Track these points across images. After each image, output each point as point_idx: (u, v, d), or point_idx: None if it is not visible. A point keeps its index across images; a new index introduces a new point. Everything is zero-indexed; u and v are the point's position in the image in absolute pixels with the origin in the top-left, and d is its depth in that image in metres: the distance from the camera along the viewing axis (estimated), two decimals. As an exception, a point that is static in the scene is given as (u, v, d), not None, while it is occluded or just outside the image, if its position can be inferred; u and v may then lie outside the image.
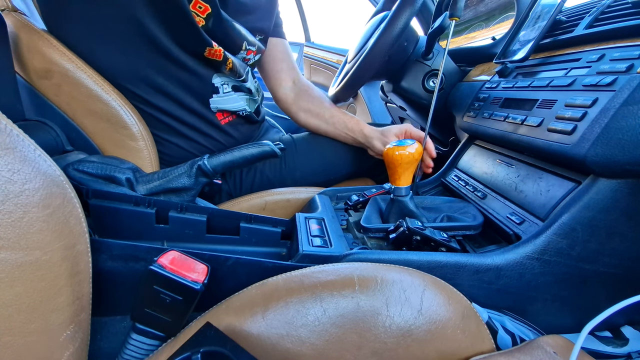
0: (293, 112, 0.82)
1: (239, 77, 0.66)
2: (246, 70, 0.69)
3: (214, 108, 0.65)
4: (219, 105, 0.65)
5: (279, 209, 0.66)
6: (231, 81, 0.66)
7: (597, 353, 0.40)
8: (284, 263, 0.37)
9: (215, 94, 0.64)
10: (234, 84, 0.66)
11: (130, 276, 0.35)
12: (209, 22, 0.56)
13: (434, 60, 0.77)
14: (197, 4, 0.53)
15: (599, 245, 0.38)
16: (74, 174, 0.44)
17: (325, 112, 0.78)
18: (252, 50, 0.69)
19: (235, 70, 0.64)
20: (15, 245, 0.22)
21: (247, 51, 0.67)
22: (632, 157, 0.33)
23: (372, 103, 1.39)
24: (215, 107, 0.65)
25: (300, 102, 0.81)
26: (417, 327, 0.30)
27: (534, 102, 0.47)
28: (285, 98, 0.83)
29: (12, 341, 0.23)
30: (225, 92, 0.65)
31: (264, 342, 0.28)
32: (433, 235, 0.41)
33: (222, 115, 0.67)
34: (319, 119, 0.79)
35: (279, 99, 0.84)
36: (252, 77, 0.74)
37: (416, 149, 0.47)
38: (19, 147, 0.23)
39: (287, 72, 0.82)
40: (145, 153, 0.58)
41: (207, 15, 0.55)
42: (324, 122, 0.78)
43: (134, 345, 0.32)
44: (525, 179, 0.46)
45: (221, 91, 0.64)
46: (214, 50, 0.58)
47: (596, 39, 0.46)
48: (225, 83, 0.64)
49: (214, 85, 0.63)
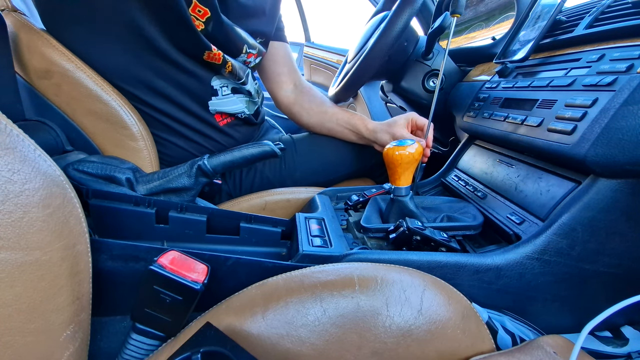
0: (295, 112, 0.82)
1: (238, 79, 0.66)
2: (246, 72, 0.69)
3: (213, 110, 0.65)
4: (217, 107, 0.65)
5: (279, 209, 0.66)
6: (231, 83, 0.66)
7: (597, 353, 0.40)
8: (284, 263, 0.37)
9: (214, 96, 0.63)
10: (233, 87, 0.66)
11: (130, 276, 0.35)
12: (209, 26, 0.56)
13: (434, 60, 0.77)
14: (197, 8, 0.53)
15: (599, 245, 0.38)
16: (74, 174, 0.44)
17: (327, 111, 0.78)
18: (253, 53, 0.69)
19: (234, 73, 0.64)
20: (15, 245, 0.22)
21: (247, 54, 0.67)
22: (632, 157, 0.33)
23: (372, 103, 1.39)
24: (214, 109, 0.65)
25: (302, 102, 0.81)
26: (417, 327, 0.30)
27: (534, 102, 0.47)
28: (286, 100, 0.82)
29: (12, 341, 0.23)
30: (224, 94, 0.65)
31: (264, 342, 0.28)
32: (433, 235, 0.41)
33: (220, 117, 0.67)
34: (322, 117, 0.78)
35: (280, 102, 0.84)
36: (253, 79, 0.74)
37: (416, 149, 0.46)
38: (19, 147, 0.23)
39: (288, 76, 0.82)
40: (145, 153, 0.58)
41: (206, 19, 0.55)
42: (327, 121, 0.77)
43: (134, 345, 0.32)
44: (525, 179, 0.46)
45: (220, 93, 0.64)
46: (213, 54, 0.58)
47: (596, 39, 0.46)
48: (224, 85, 0.64)
49: (213, 88, 0.63)
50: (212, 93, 0.63)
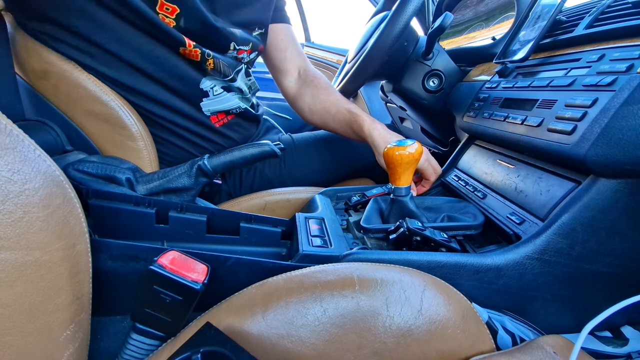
0: (297, 107, 0.78)
1: (224, 77, 0.64)
2: (237, 69, 0.66)
3: (207, 111, 0.64)
4: (211, 107, 0.64)
5: (279, 209, 0.66)
6: (220, 82, 0.64)
7: (597, 353, 0.40)
8: (284, 263, 0.37)
9: (205, 98, 0.62)
10: (223, 85, 0.65)
11: (130, 276, 0.35)
12: (180, 22, 0.55)
13: (434, 60, 0.77)
14: (164, 6, 0.52)
15: (599, 245, 0.38)
16: (74, 174, 0.44)
17: (331, 108, 0.72)
18: (245, 50, 0.66)
19: (219, 70, 0.62)
20: (15, 245, 0.22)
21: (237, 50, 0.64)
22: (632, 157, 0.33)
23: (372, 103, 1.39)
24: (208, 109, 0.64)
25: (305, 96, 0.76)
26: (417, 327, 0.30)
27: (534, 102, 0.47)
28: (290, 91, 0.78)
29: (12, 341, 0.23)
30: (216, 94, 0.63)
31: (264, 342, 0.28)
32: (433, 236, 0.41)
33: (216, 118, 0.66)
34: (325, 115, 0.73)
35: (285, 93, 0.79)
36: (246, 75, 0.71)
37: (416, 149, 0.47)
38: (19, 147, 0.23)
39: (292, 61, 0.76)
40: (145, 153, 0.58)
41: (176, 15, 0.54)
42: (330, 120, 0.73)
43: (134, 345, 0.32)
44: (525, 179, 0.46)
45: (212, 94, 0.63)
46: (189, 50, 0.56)
47: (596, 39, 0.46)
48: (214, 85, 0.63)
49: (203, 90, 0.61)
50: (202, 95, 0.62)
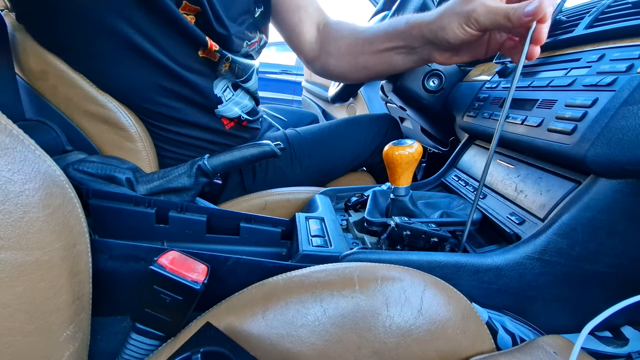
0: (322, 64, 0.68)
1: (237, 77, 0.65)
2: (251, 70, 0.66)
3: (219, 115, 0.65)
4: (224, 113, 0.65)
5: (279, 209, 0.66)
6: (230, 81, 0.64)
7: (597, 353, 0.40)
8: (284, 263, 0.37)
9: (219, 105, 0.63)
10: (233, 83, 0.65)
11: (130, 276, 0.35)
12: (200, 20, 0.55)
13: (433, 60, 0.77)
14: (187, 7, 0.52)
15: (599, 245, 0.38)
16: (74, 174, 0.44)
17: (357, 40, 0.63)
18: (255, 42, 0.66)
19: (233, 71, 0.63)
20: (15, 245, 0.22)
21: (250, 44, 0.65)
22: (632, 157, 0.33)
23: (372, 103, 1.39)
24: (221, 114, 0.65)
25: (328, 47, 0.67)
26: (417, 327, 0.30)
27: (534, 102, 0.47)
28: (312, 54, 0.69)
29: (12, 341, 0.23)
30: (227, 99, 0.64)
31: (264, 342, 0.28)
32: (422, 227, 0.41)
33: (227, 120, 0.67)
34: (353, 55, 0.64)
35: (308, 61, 0.71)
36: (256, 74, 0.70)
37: (416, 149, 0.47)
38: (19, 147, 0.23)
39: (307, 21, 0.67)
40: (144, 154, 0.58)
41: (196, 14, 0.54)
42: (360, 53, 0.63)
43: (134, 345, 0.32)
44: (525, 179, 0.46)
45: (224, 99, 0.64)
46: (209, 49, 0.56)
47: (596, 39, 0.46)
48: (226, 87, 0.63)
49: (217, 96, 0.62)
50: (217, 102, 0.63)
